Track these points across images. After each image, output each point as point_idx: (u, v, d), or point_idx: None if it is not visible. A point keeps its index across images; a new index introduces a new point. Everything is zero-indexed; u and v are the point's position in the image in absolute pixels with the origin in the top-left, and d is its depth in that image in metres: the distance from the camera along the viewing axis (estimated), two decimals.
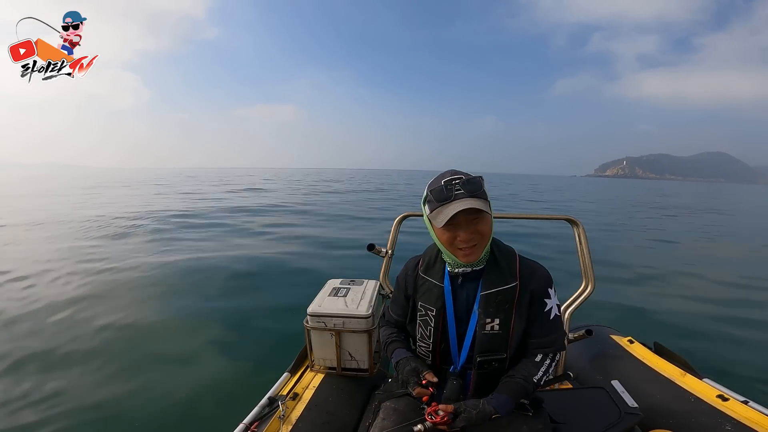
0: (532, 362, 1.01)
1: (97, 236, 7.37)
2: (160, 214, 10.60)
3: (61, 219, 9.66)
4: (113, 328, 3.27)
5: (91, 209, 11.73)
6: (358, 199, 18.32)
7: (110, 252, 5.94)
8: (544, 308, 1.01)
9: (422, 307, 1.06)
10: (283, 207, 13.46)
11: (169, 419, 2.20)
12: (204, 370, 2.70)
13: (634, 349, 1.84)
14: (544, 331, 1.02)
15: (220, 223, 9.32)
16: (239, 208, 12.75)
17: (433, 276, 1.06)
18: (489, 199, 0.95)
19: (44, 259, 5.48)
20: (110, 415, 2.22)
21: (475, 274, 1.02)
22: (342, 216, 11.37)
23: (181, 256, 5.62)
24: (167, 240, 6.98)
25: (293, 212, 12.04)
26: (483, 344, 1.00)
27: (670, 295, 4.72)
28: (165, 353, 2.92)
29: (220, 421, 2.06)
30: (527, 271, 1.01)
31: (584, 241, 1.81)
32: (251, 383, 2.44)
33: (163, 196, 17.99)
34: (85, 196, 18.24)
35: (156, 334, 3.21)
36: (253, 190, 23.05)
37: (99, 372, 2.64)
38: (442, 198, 0.92)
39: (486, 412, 0.91)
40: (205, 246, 6.46)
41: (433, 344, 1.05)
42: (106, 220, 9.32)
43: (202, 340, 3.12)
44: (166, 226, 8.66)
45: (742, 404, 1.33)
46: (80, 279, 4.58)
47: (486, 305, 0.99)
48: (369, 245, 1.82)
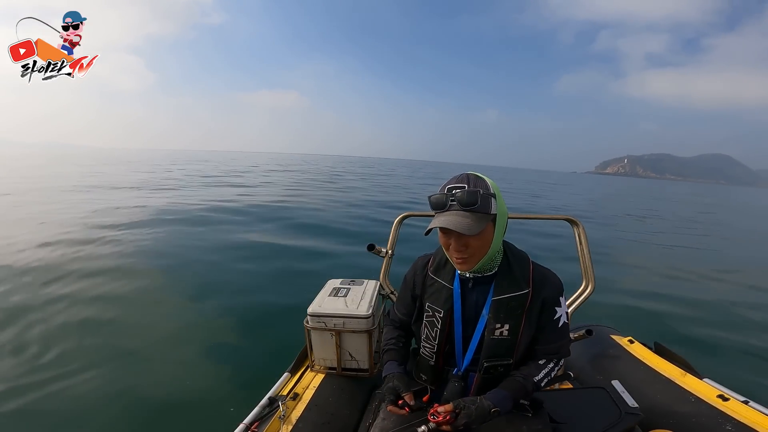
0: (534, 364, 1.01)
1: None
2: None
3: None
4: (113, 324, 3.27)
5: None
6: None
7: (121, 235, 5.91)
8: (554, 316, 1.00)
9: (430, 308, 1.05)
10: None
11: (169, 419, 2.20)
12: (204, 370, 2.70)
13: (634, 349, 1.84)
14: (551, 338, 1.01)
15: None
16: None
17: (443, 277, 1.05)
18: (493, 212, 0.91)
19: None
20: (109, 414, 2.22)
21: (487, 278, 1.01)
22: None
23: (183, 251, 5.60)
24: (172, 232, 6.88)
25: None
26: (490, 349, 0.99)
27: (670, 295, 4.73)
28: (165, 353, 2.92)
29: (220, 421, 2.06)
30: (540, 277, 1.00)
31: (584, 241, 1.81)
32: (251, 383, 2.43)
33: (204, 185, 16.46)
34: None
35: (156, 334, 3.21)
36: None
37: (98, 371, 2.64)
38: (438, 206, 0.92)
39: (484, 406, 0.91)
40: (205, 241, 6.42)
41: (437, 346, 1.05)
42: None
43: (202, 340, 3.12)
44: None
45: (743, 404, 1.33)
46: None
47: (497, 311, 0.98)
48: (369, 245, 1.82)
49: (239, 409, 1.30)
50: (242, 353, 2.95)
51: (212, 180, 18.49)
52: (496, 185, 0.95)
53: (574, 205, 17.82)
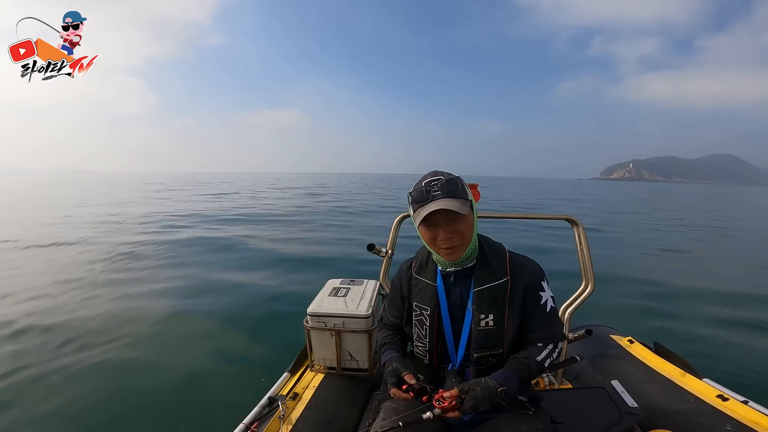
0: (533, 347, 1.02)
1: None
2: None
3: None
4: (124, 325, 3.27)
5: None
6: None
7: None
8: (539, 301, 1.02)
9: (417, 306, 1.08)
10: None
11: (169, 419, 2.20)
12: (204, 370, 2.70)
13: (634, 349, 1.84)
14: (543, 324, 1.02)
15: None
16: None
17: (425, 276, 1.08)
18: (470, 199, 0.96)
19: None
20: (109, 414, 2.22)
21: (467, 271, 1.03)
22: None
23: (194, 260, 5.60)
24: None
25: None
26: (478, 340, 1.01)
27: (670, 294, 4.72)
28: (164, 353, 2.92)
29: (220, 421, 2.06)
30: (517, 266, 1.02)
31: (584, 241, 1.81)
32: (251, 383, 2.44)
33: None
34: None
35: (155, 333, 3.21)
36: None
37: (99, 371, 2.64)
38: (421, 199, 0.94)
39: (490, 386, 0.91)
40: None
41: (429, 343, 1.06)
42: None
43: (202, 340, 3.12)
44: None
45: (742, 404, 1.33)
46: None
47: (479, 301, 1.00)
48: (369, 245, 1.82)
49: (239, 409, 1.30)
50: (242, 353, 2.95)
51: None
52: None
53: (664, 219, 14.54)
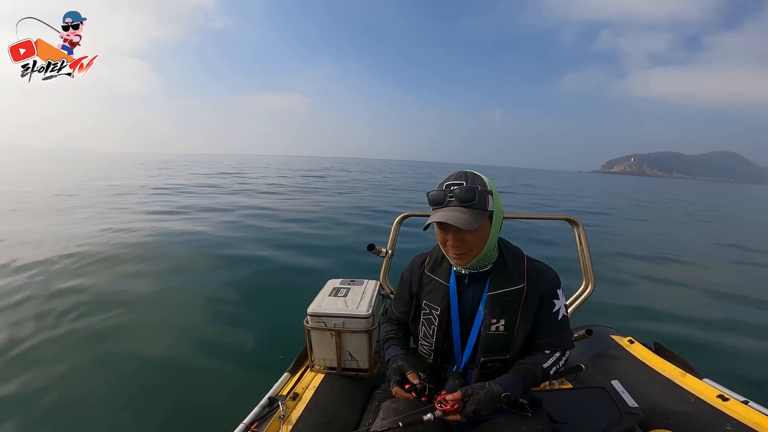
0: (540, 353, 1.01)
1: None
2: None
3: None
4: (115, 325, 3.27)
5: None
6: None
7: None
8: (552, 309, 1.01)
9: (427, 305, 1.06)
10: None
11: (168, 419, 2.20)
12: (204, 370, 2.70)
13: (634, 349, 1.84)
14: (553, 332, 1.02)
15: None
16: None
17: (439, 275, 1.06)
18: (489, 209, 0.93)
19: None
20: (109, 413, 2.22)
21: (482, 274, 1.01)
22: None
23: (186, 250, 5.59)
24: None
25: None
26: (487, 344, 0.99)
27: (670, 295, 4.72)
28: (164, 353, 2.92)
29: (220, 421, 2.06)
30: (535, 272, 1.01)
31: (584, 241, 1.81)
32: (251, 383, 2.43)
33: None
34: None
35: (155, 333, 3.21)
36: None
37: (100, 371, 2.64)
38: (436, 202, 0.93)
39: (494, 391, 0.89)
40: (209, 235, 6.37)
41: (435, 343, 1.05)
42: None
43: (202, 340, 3.11)
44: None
45: (743, 404, 1.33)
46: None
47: (492, 306, 0.99)
48: (369, 245, 1.82)
49: (239, 409, 1.30)
50: (242, 353, 2.95)
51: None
52: (492, 183, 0.97)
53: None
